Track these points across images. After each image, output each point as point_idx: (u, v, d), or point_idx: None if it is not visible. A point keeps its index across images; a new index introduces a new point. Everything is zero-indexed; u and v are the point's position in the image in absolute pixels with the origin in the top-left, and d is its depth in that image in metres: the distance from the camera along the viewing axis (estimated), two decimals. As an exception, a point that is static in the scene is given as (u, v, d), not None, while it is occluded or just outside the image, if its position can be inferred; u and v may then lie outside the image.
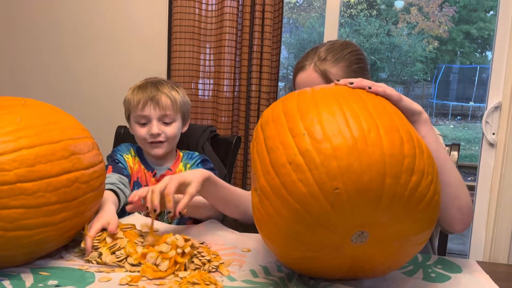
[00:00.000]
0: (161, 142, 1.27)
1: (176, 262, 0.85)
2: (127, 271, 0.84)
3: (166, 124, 1.27)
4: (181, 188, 0.96)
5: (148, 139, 1.26)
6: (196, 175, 0.98)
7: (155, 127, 1.24)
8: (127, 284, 0.79)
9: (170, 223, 1.19)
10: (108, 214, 0.97)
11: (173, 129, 1.27)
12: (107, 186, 1.12)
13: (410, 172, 0.67)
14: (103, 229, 0.93)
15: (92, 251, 0.88)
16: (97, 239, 0.91)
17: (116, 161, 1.28)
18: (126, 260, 0.87)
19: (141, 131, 1.26)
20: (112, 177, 1.18)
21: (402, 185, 0.67)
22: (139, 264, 0.85)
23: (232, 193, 1.09)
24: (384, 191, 0.66)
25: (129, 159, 1.31)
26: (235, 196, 1.10)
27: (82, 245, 0.90)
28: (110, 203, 1.03)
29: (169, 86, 1.28)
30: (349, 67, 1.09)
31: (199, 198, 1.07)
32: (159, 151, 1.28)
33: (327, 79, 1.08)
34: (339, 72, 1.08)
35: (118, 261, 0.86)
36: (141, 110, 1.24)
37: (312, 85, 1.08)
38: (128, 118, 1.32)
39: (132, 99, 1.26)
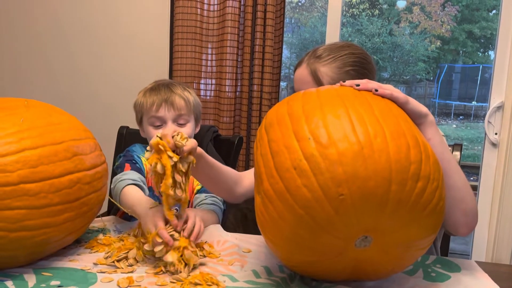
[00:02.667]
0: None
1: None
2: (125, 270, 0.85)
3: (181, 125, 1.25)
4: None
5: None
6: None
7: (171, 129, 1.22)
8: (128, 286, 0.79)
9: None
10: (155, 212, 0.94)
11: (188, 129, 1.26)
12: (129, 182, 1.09)
13: (416, 178, 0.67)
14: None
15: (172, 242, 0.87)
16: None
17: (134, 161, 1.25)
18: (126, 260, 0.87)
19: (155, 133, 1.25)
20: (133, 174, 1.15)
21: (407, 192, 0.66)
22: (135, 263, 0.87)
23: (221, 172, 1.07)
24: (390, 197, 0.66)
25: (146, 163, 1.28)
26: (223, 176, 1.07)
27: (156, 249, 0.87)
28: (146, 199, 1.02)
29: (181, 87, 1.27)
30: (342, 68, 1.07)
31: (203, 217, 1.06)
32: None
33: (316, 77, 1.07)
34: (328, 72, 1.06)
35: (117, 260, 0.87)
36: (155, 112, 1.22)
37: (303, 82, 1.08)
38: (140, 122, 1.30)
39: (145, 102, 1.24)
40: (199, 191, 1.27)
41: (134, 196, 1.04)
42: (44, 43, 2.43)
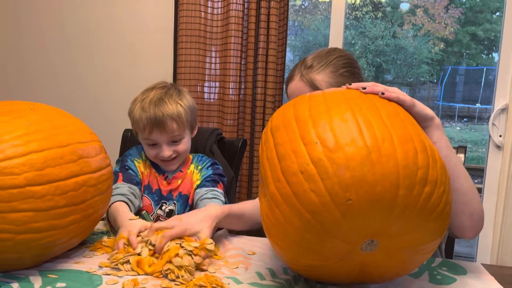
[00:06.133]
0: (173, 158, 1.26)
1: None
2: (130, 272, 0.85)
3: (175, 142, 1.24)
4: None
5: (159, 158, 1.25)
6: (205, 222, 0.96)
7: (166, 151, 1.22)
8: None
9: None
10: (133, 224, 1.00)
11: (184, 145, 1.26)
12: (118, 198, 1.12)
13: (423, 183, 0.67)
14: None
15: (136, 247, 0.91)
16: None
17: (126, 167, 1.27)
18: (129, 263, 0.87)
19: (151, 152, 1.24)
20: (123, 188, 1.17)
21: (415, 196, 0.66)
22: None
23: (248, 212, 1.09)
24: (397, 202, 0.65)
25: (140, 164, 1.30)
26: (251, 214, 1.10)
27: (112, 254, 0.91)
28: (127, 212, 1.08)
29: (172, 101, 1.22)
30: (336, 72, 1.08)
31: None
32: (172, 167, 1.28)
33: (314, 87, 1.08)
34: (324, 78, 1.08)
35: (121, 263, 0.87)
36: (148, 135, 1.21)
37: (300, 93, 1.08)
38: (136, 134, 1.29)
39: (137, 123, 1.22)
40: (198, 186, 1.28)
41: (119, 212, 1.07)
42: (50, 47, 2.45)
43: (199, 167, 1.32)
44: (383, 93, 0.80)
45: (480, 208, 0.87)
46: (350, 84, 0.84)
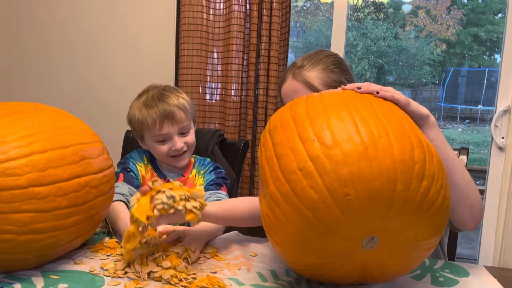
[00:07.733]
0: (184, 152, 1.27)
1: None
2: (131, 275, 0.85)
3: (184, 134, 1.26)
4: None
5: (171, 154, 1.25)
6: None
7: (178, 143, 1.23)
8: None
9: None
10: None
11: (192, 136, 1.28)
12: (118, 197, 1.12)
13: (420, 178, 0.67)
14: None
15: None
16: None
17: (128, 169, 1.27)
18: (129, 267, 0.87)
19: (162, 149, 1.24)
20: (123, 188, 1.18)
21: (412, 191, 0.67)
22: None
23: (232, 214, 1.05)
24: (395, 197, 0.66)
25: (142, 168, 1.30)
26: (236, 215, 1.05)
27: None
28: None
29: (173, 95, 1.25)
30: (327, 68, 1.11)
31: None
32: (183, 162, 1.28)
33: (307, 84, 1.09)
34: (316, 74, 1.10)
35: (122, 268, 0.87)
36: (159, 130, 1.21)
37: (295, 93, 1.10)
38: (141, 137, 1.29)
39: (145, 120, 1.22)
40: None
41: (119, 213, 1.07)
42: (52, 49, 2.45)
43: (201, 171, 1.32)
44: (378, 92, 0.81)
45: (479, 199, 0.89)
46: (345, 85, 0.86)
